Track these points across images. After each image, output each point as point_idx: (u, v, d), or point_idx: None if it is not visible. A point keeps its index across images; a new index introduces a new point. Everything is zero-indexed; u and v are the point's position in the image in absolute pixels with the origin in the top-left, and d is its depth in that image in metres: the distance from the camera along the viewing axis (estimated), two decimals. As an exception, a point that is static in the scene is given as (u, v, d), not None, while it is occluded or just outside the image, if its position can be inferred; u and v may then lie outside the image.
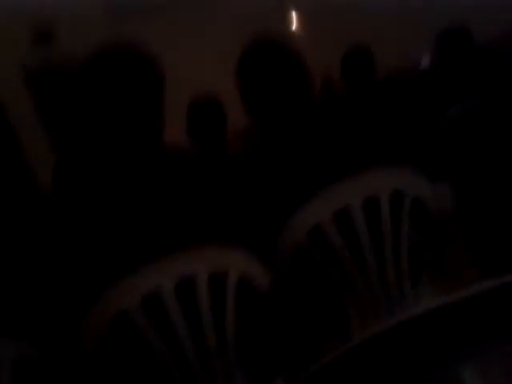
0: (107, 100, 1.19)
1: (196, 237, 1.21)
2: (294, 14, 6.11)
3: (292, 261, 1.26)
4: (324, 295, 1.34)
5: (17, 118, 4.25)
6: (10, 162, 4.04)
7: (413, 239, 1.36)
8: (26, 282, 1.22)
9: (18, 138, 4.19)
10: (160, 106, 1.23)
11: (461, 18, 2.80)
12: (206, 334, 1.17)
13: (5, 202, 1.43)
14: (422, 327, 0.85)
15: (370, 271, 1.30)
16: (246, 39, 1.36)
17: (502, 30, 3.85)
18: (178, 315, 1.15)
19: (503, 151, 2.32)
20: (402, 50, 4.98)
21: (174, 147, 1.37)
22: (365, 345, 0.42)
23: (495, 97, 2.51)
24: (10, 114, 4.21)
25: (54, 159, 1.50)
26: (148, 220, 1.28)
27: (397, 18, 5.57)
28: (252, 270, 1.21)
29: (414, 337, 0.84)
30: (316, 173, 1.30)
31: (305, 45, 6.09)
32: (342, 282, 1.29)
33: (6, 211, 1.34)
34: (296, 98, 1.37)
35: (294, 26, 6.22)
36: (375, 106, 2.73)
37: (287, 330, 1.37)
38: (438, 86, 2.80)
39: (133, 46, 1.19)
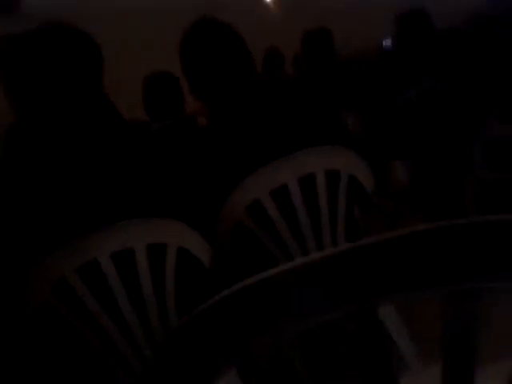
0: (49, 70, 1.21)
1: (136, 209, 1.24)
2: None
3: (232, 235, 1.30)
4: (263, 268, 1.39)
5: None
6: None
7: (349, 214, 1.42)
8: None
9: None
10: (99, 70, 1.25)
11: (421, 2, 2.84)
12: (146, 304, 1.22)
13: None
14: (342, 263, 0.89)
15: (308, 244, 1.35)
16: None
17: (463, 14, 3.90)
18: (117, 284, 1.18)
19: (453, 129, 2.40)
20: (364, 33, 5.07)
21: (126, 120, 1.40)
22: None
23: (451, 79, 2.57)
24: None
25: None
26: (92, 189, 1.30)
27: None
28: (191, 243, 1.25)
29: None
30: (255, 151, 1.33)
31: (279, 19, 6.07)
32: (280, 256, 1.34)
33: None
34: (238, 76, 1.39)
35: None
36: (329, 85, 2.77)
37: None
38: (397, 68, 2.85)
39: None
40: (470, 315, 0.45)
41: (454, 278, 0.44)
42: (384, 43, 3.95)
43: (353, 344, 0.48)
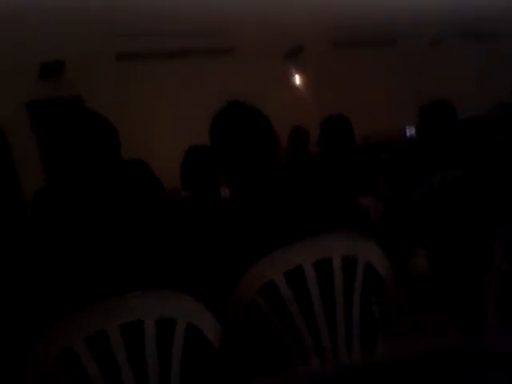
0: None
1: (149, 280, 1.24)
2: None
3: (244, 315, 1.28)
4: (274, 352, 1.35)
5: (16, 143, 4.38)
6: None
7: (365, 302, 1.39)
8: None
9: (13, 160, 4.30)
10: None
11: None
12: (149, 378, 1.18)
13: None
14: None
15: (321, 330, 1.32)
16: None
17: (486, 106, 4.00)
18: (123, 358, 1.16)
19: (475, 220, 2.38)
20: (387, 121, 5.24)
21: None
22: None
23: (474, 169, 2.58)
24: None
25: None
26: (108, 257, 1.31)
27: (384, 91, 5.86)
28: (202, 321, 1.23)
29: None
30: (274, 230, 1.34)
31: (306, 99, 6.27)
32: (292, 339, 1.31)
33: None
34: (262, 158, 1.43)
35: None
36: (351, 170, 2.81)
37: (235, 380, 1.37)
38: (420, 156, 2.88)
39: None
40: None
41: None
42: (408, 132, 4.04)
43: None
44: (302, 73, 6.47)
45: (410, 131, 4.03)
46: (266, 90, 5.22)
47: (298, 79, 6.56)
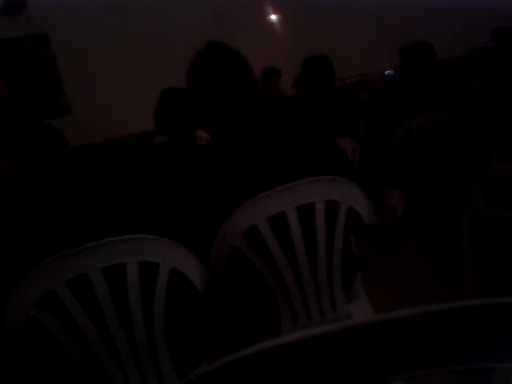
0: None
1: (128, 226, 1.23)
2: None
3: (227, 260, 1.29)
4: (257, 294, 1.37)
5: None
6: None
7: (346, 247, 1.41)
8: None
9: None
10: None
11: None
12: (133, 321, 1.20)
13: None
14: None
15: (303, 273, 1.34)
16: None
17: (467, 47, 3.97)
18: (106, 300, 1.16)
19: (453, 161, 2.41)
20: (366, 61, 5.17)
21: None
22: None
23: (453, 111, 2.59)
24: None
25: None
26: (89, 202, 1.29)
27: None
28: (185, 265, 1.23)
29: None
30: (255, 176, 1.32)
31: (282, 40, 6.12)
32: (275, 282, 1.33)
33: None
34: (242, 101, 1.39)
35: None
36: (329, 111, 2.78)
37: (218, 322, 1.40)
38: (399, 99, 2.87)
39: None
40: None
41: (465, 358, 0.43)
42: (386, 73, 4.00)
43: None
44: (280, 12, 6.28)
45: (387, 72, 3.99)
46: (240, 32, 5.06)
47: (274, 20, 6.38)
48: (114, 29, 4.98)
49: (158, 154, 2.09)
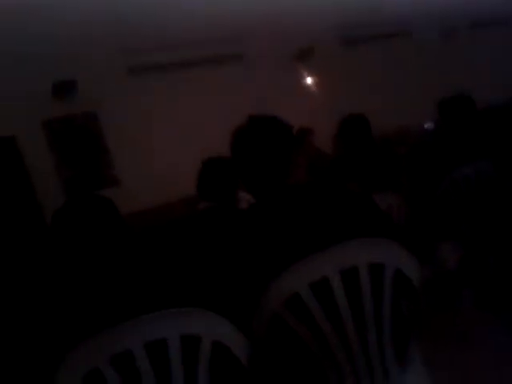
0: None
1: (170, 301, 1.22)
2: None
3: (270, 330, 1.24)
4: (303, 366, 1.31)
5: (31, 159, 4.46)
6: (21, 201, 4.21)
7: (396, 311, 1.34)
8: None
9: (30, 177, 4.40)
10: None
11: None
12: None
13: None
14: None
15: (352, 341, 1.27)
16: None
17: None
18: (149, 377, 1.14)
19: (502, 210, 2.32)
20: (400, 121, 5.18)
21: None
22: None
23: (497, 160, 2.52)
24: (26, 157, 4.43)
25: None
26: (129, 277, 1.30)
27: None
28: (227, 337, 1.20)
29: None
30: (296, 241, 1.30)
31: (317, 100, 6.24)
32: (321, 351, 1.27)
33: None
34: (282, 166, 1.41)
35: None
36: (367, 168, 2.76)
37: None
38: (440, 151, 2.83)
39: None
40: None
41: None
42: (426, 126, 3.98)
43: None
44: (315, 74, 6.43)
45: (427, 125, 3.97)
46: (279, 96, 5.20)
47: (310, 81, 6.52)
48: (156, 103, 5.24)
49: (201, 222, 2.13)
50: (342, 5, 5.44)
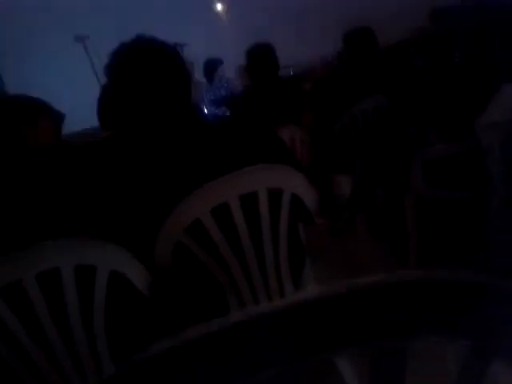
0: None
1: (65, 229, 1.17)
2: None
3: (172, 258, 1.25)
4: (204, 287, 1.34)
5: None
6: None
7: (292, 234, 1.40)
8: None
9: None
10: None
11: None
12: (72, 327, 1.14)
13: None
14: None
15: (250, 262, 1.32)
16: None
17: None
18: (42, 307, 1.11)
19: (396, 145, 2.45)
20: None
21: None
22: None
23: (395, 94, 2.62)
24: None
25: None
26: (21, 205, 1.23)
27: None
28: (126, 268, 1.18)
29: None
30: (194, 169, 1.29)
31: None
32: (221, 274, 1.30)
33: None
34: (179, 96, 1.35)
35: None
36: (271, 101, 2.77)
37: (165, 320, 1.36)
38: (342, 85, 2.89)
39: None
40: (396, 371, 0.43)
41: (378, 335, 0.42)
42: (330, 58, 4.03)
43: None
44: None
45: (332, 59, 4.03)
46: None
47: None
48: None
49: (101, 150, 2.03)
50: None
